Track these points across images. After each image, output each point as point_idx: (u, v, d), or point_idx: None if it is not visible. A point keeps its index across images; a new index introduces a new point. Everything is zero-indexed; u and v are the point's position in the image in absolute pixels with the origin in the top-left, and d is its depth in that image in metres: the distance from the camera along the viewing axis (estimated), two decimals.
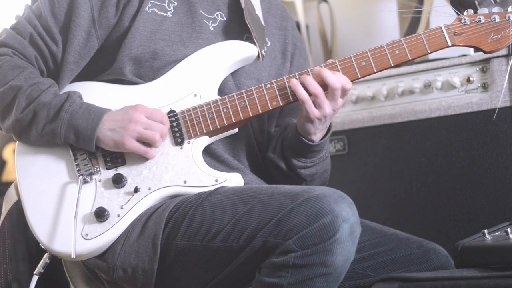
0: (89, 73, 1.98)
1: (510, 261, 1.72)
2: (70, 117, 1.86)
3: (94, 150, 1.88)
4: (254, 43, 1.98)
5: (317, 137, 1.96)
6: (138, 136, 1.86)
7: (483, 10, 1.93)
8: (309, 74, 1.91)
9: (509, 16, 1.91)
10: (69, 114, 1.86)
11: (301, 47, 2.19)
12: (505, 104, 2.32)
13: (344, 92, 1.89)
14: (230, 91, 1.97)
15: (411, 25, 2.81)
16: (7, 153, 3.97)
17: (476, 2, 1.99)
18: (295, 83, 1.90)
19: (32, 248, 2.00)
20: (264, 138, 2.08)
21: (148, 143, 1.88)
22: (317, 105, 1.89)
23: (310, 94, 1.89)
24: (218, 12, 2.03)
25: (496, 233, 1.85)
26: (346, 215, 1.67)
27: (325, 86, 1.89)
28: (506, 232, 1.77)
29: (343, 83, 1.88)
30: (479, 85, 2.37)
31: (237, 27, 2.02)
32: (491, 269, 1.74)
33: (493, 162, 2.33)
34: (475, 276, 1.71)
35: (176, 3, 1.99)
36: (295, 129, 1.98)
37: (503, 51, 2.28)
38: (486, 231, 1.82)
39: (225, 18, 2.03)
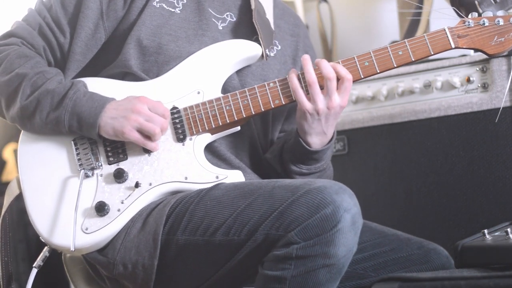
0: (96, 66, 2.00)
1: (510, 261, 1.72)
2: (73, 105, 1.87)
3: (96, 137, 1.89)
4: (260, 41, 1.99)
5: (313, 140, 1.96)
6: (138, 127, 1.86)
7: (488, 13, 1.94)
8: None
9: None
10: (73, 101, 1.87)
11: (312, 56, 2.19)
12: (505, 104, 2.32)
13: (342, 82, 1.88)
14: (234, 90, 1.98)
15: (411, 25, 2.81)
16: (7, 153, 3.97)
17: (476, 2, 1.99)
18: (291, 71, 1.91)
19: (32, 248, 2.00)
20: (267, 138, 2.08)
21: (147, 136, 1.88)
22: (310, 97, 1.89)
23: (306, 90, 1.89)
24: (228, 13, 2.04)
25: (496, 233, 1.85)
26: (348, 206, 1.68)
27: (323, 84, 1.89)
28: (506, 232, 1.78)
29: (339, 72, 1.88)
30: (479, 85, 2.37)
31: (246, 28, 2.04)
32: (491, 269, 1.74)
33: (493, 162, 2.33)
34: (475, 276, 1.71)
35: (185, 1, 2.00)
36: (295, 130, 1.98)
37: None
38: (486, 231, 1.82)
39: (234, 19, 2.05)
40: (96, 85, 1.95)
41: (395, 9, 3.00)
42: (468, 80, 2.38)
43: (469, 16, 1.95)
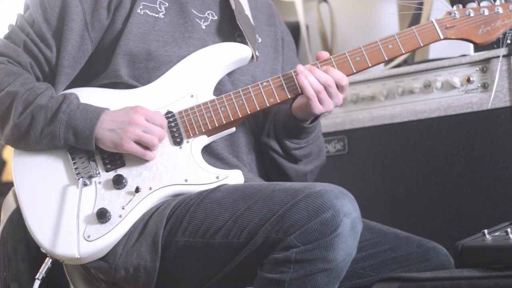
0: (85, 78, 1.99)
1: (510, 261, 1.72)
2: (68, 118, 1.86)
3: (94, 149, 1.88)
4: (245, 42, 2.00)
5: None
6: (136, 139, 1.86)
7: (472, 4, 1.97)
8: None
9: (497, 9, 1.96)
10: (67, 115, 1.87)
11: (289, 41, 2.22)
12: (505, 104, 2.32)
13: (341, 88, 1.91)
14: (225, 87, 1.99)
15: (411, 25, 2.80)
16: (7, 153, 3.97)
17: (476, 1, 2.00)
18: (302, 79, 1.90)
19: (32, 248, 1.99)
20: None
21: (146, 146, 1.88)
22: (321, 101, 1.90)
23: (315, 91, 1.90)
24: (209, 11, 2.05)
25: (496, 233, 1.85)
26: (348, 210, 1.68)
27: None
28: (506, 232, 1.78)
29: (337, 79, 1.90)
30: (479, 85, 2.37)
31: (228, 26, 2.04)
32: (491, 269, 1.74)
33: (493, 162, 2.33)
34: (475, 276, 1.71)
35: (167, 4, 2.00)
36: (289, 114, 1.99)
37: (503, 51, 2.28)
38: (486, 231, 1.83)
39: (216, 17, 2.05)
40: (89, 95, 1.95)
41: (395, 9, 3.00)
42: (468, 80, 2.38)
43: (454, 7, 1.97)
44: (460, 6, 1.97)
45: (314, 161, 2.11)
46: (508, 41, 2.16)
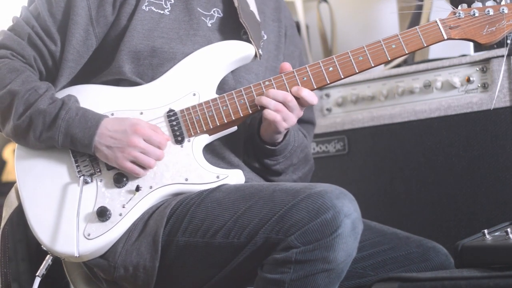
0: (89, 74, 1.99)
1: (510, 261, 1.72)
2: (67, 126, 1.86)
3: (92, 154, 1.89)
4: (250, 41, 1.99)
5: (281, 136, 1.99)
6: (133, 160, 1.86)
7: (477, 4, 1.96)
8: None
9: (502, 9, 1.94)
10: (66, 122, 1.86)
11: (291, 35, 2.21)
12: (505, 104, 2.32)
13: (301, 102, 1.90)
14: (229, 86, 1.99)
15: (411, 25, 2.81)
16: (7, 153, 3.98)
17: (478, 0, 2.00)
18: (267, 112, 1.89)
19: (32, 248, 1.99)
20: None
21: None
22: (284, 118, 1.90)
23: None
24: (214, 9, 2.05)
25: (496, 233, 1.85)
26: (348, 211, 1.68)
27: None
28: (506, 232, 1.78)
29: (308, 99, 1.90)
30: (479, 85, 2.37)
31: (233, 23, 2.04)
32: (491, 269, 1.74)
33: (493, 162, 2.33)
34: (475, 276, 1.71)
35: (172, 1, 2.00)
36: (257, 138, 1.99)
37: (503, 51, 2.27)
38: (486, 231, 1.83)
39: (221, 15, 2.05)
40: (92, 93, 1.95)
41: (395, 8, 3.00)
42: (468, 80, 2.38)
43: (459, 7, 1.96)
44: (465, 5, 1.96)
45: (300, 168, 2.11)
46: (509, 41, 2.16)
